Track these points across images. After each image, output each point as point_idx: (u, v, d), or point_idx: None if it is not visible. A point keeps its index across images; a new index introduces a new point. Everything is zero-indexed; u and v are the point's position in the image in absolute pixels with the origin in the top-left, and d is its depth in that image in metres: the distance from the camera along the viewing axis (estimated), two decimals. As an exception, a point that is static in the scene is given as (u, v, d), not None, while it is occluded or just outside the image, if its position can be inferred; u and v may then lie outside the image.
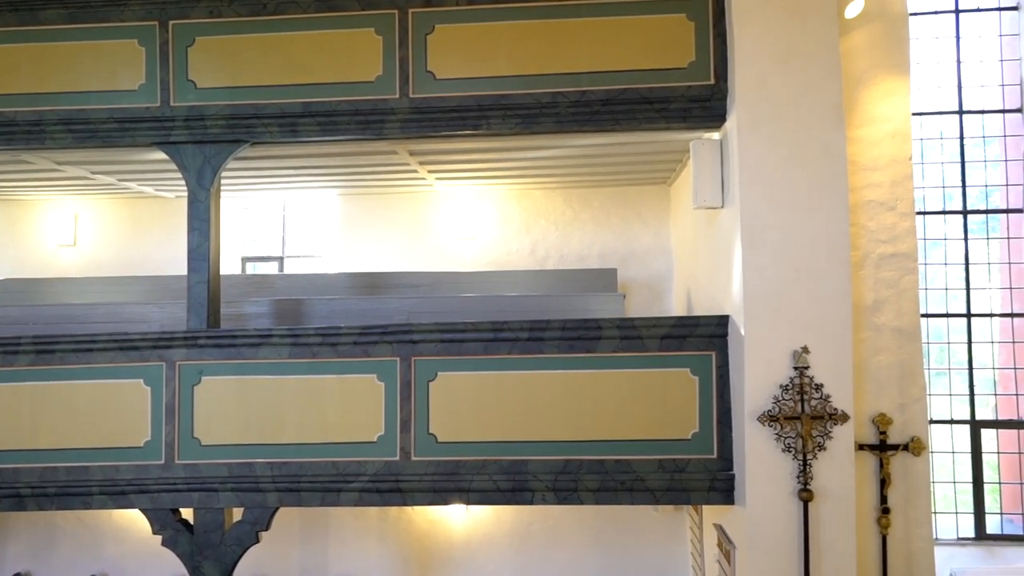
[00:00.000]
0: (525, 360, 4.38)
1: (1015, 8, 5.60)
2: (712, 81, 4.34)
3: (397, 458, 4.37)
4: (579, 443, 4.32)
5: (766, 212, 4.10)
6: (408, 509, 6.27)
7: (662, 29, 4.40)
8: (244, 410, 4.44)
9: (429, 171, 5.78)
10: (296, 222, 7.33)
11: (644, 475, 4.28)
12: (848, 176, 4.19)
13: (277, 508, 4.43)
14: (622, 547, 6.23)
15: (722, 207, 4.51)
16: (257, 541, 4.44)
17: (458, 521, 6.32)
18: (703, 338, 4.34)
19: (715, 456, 4.28)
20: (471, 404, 4.39)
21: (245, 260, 7.31)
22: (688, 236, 5.78)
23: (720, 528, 4.70)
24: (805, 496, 3.99)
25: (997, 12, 5.63)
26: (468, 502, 4.48)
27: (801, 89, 4.11)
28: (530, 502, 4.36)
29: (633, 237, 6.56)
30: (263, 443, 4.42)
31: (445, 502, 4.50)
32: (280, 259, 7.32)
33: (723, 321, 4.33)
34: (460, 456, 4.35)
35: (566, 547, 6.27)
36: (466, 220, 6.66)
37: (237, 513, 4.47)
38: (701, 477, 4.28)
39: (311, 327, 4.60)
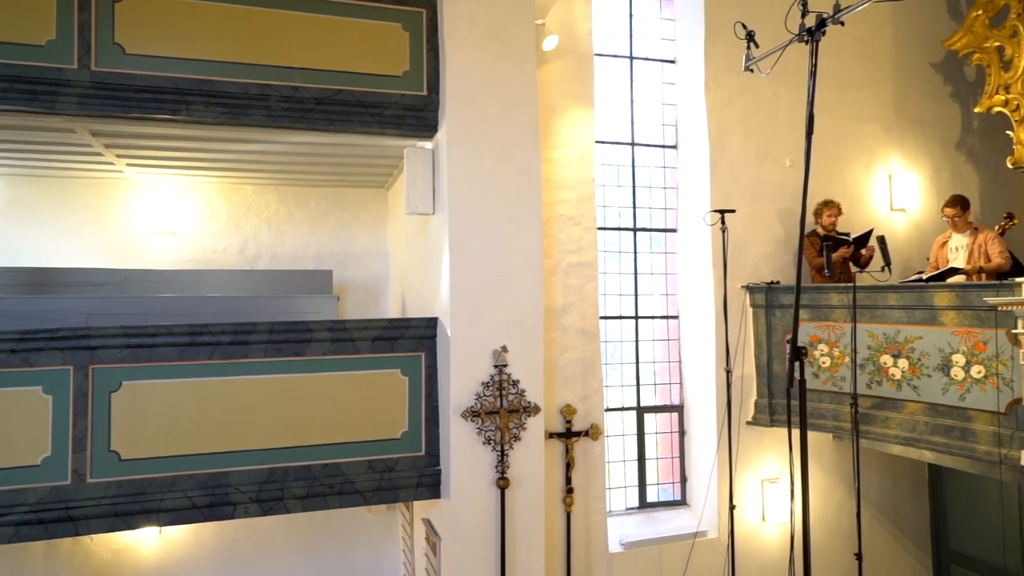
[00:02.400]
0: (228, 365, 4.13)
1: (673, 62, 6.74)
2: (425, 92, 4.52)
3: (68, 482, 3.82)
4: (286, 450, 4.19)
5: (471, 221, 4.38)
6: (85, 539, 5.48)
7: (379, 36, 4.47)
8: None
9: (118, 156, 5.13)
10: (-66, 204, 5.97)
11: (354, 477, 4.29)
12: (543, 192, 4.66)
13: None
14: (335, 552, 6.16)
15: (433, 214, 4.71)
16: None
17: (150, 546, 5.70)
18: (413, 339, 4.49)
19: (423, 453, 4.46)
20: (163, 416, 4.00)
21: None
22: (404, 240, 5.93)
23: (428, 522, 4.89)
24: (502, 484, 4.34)
25: (661, 63, 6.73)
26: (160, 523, 4.06)
27: (503, 109, 4.48)
28: (231, 516, 4.11)
29: (351, 239, 6.52)
30: None
31: (131, 527, 4.02)
32: (-91, 249, 5.90)
33: (432, 323, 4.53)
34: (148, 474, 3.95)
35: (276, 559, 6.01)
36: (165, 213, 6.02)
37: None
38: (410, 474, 4.42)
39: (-50, 332, 3.81)
